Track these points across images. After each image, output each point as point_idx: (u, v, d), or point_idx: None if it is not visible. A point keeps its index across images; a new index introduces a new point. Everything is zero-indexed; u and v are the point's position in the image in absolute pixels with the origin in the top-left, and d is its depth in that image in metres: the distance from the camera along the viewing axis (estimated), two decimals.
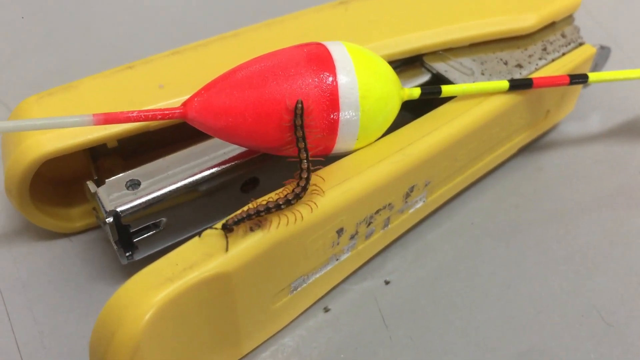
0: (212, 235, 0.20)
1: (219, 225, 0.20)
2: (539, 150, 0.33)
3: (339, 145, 0.23)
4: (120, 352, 0.19)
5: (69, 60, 0.37)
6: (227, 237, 0.20)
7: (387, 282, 0.27)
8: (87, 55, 0.38)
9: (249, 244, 0.20)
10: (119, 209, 0.23)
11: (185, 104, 0.22)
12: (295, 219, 0.21)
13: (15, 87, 0.35)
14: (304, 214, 0.21)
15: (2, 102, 0.34)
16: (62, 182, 0.28)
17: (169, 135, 0.26)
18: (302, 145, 0.21)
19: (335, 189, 0.22)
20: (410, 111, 0.27)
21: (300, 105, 0.21)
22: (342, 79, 0.22)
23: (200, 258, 0.20)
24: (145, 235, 0.25)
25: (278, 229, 0.21)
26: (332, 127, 0.22)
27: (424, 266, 0.28)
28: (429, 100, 0.26)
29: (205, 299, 0.20)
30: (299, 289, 0.24)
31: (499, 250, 0.28)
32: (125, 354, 0.19)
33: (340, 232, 0.23)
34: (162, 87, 0.26)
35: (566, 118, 0.34)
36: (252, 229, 0.20)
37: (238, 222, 0.20)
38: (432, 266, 0.28)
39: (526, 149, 0.33)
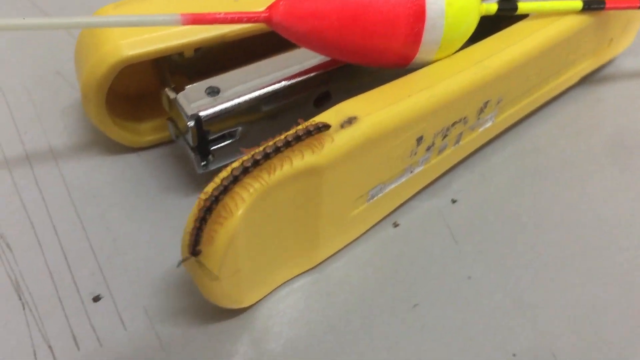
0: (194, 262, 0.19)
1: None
2: (598, 83, 0.33)
3: (421, 55, 0.23)
4: (222, 237, 0.19)
5: None
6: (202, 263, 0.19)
7: (454, 201, 0.27)
8: None
9: (343, 140, 0.20)
10: (201, 114, 0.23)
11: (270, 7, 0.22)
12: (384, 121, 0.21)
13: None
14: (393, 117, 0.21)
15: None
16: (131, 98, 0.28)
17: (239, 52, 0.26)
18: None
19: (421, 94, 0.22)
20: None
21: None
22: None
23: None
24: (221, 145, 0.25)
25: (371, 128, 0.21)
26: (416, 34, 0.22)
27: (489, 186, 0.28)
28: (497, 22, 0.26)
29: (296, 194, 0.21)
30: (375, 198, 0.24)
31: (562, 174, 0.29)
32: (226, 240, 0.19)
33: (419, 140, 0.23)
34: (236, 0, 0.26)
35: (624, 53, 0.34)
36: (342, 127, 0.21)
37: (197, 243, 0.19)
38: (498, 187, 0.28)
39: (585, 81, 0.33)
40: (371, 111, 0.21)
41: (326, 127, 0.20)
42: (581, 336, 0.23)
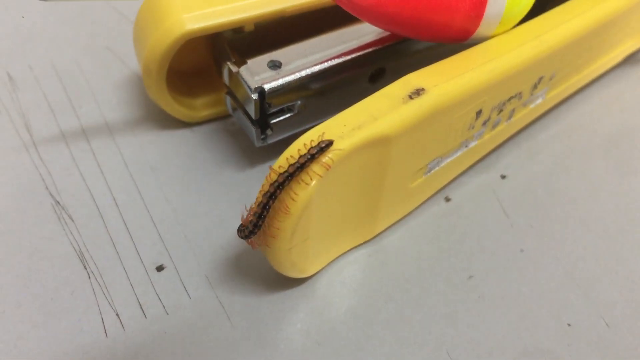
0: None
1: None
2: None
3: (481, 30, 0.24)
4: (298, 203, 0.19)
5: None
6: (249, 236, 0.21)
7: (503, 177, 0.28)
8: None
9: (411, 110, 0.21)
10: (265, 86, 0.24)
11: None
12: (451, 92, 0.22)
13: None
14: (458, 89, 0.22)
15: None
16: (185, 74, 0.29)
17: (293, 30, 0.27)
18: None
19: (484, 67, 0.23)
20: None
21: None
22: None
23: (367, 120, 0.20)
24: (280, 118, 0.25)
25: (438, 99, 0.21)
26: (479, 8, 0.23)
27: (538, 163, 0.28)
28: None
29: (364, 165, 0.21)
30: (432, 171, 0.25)
31: (609, 151, 0.29)
32: (301, 205, 0.19)
33: (478, 113, 0.24)
34: None
35: None
36: (411, 97, 0.21)
37: (250, 234, 0.20)
38: (546, 163, 0.28)
39: (628, 61, 0.33)
40: (438, 83, 0.22)
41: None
42: (634, 306, 0.24)
